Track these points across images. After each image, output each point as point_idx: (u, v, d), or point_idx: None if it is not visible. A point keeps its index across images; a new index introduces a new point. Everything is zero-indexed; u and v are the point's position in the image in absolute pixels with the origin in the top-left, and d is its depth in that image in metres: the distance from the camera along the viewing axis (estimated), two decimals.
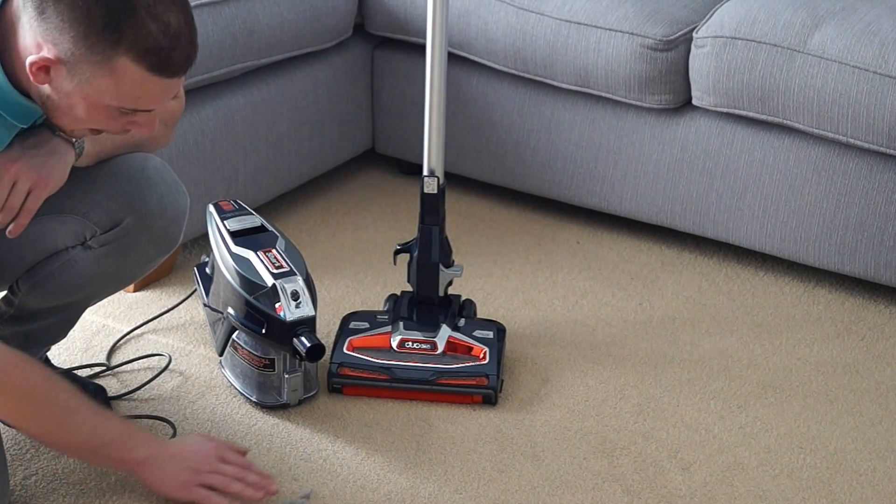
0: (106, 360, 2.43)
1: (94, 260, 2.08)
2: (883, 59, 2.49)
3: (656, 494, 2.13)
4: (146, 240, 2.10)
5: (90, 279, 2.11)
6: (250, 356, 2.28)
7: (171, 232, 2.13)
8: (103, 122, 1.80)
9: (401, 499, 2.11)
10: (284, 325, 2.19)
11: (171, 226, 2.12)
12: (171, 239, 2.14)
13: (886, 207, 2.59)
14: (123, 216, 2.06)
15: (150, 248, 2.12)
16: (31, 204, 1.88)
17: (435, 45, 2.31)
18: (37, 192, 1.88)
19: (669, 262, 2.84)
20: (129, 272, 2.17)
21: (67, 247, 2.07)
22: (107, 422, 1.99)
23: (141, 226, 2.08)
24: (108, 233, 2.06)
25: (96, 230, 2.06)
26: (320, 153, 3.01)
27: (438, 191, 2.38)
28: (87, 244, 2.07)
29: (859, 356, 2.52)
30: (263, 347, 2.26)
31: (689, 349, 2.53)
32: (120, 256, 2.09)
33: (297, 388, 2.30)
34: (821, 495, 2.14)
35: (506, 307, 2.65)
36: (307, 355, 2.18)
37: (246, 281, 2.23)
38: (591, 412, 2.33)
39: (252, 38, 2.70)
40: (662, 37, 2.67)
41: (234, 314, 2.26)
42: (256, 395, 2.31)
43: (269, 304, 2.21)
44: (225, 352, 2.35)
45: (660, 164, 2.79)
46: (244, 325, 2.25)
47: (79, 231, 2.05)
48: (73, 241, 2.06)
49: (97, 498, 2.09)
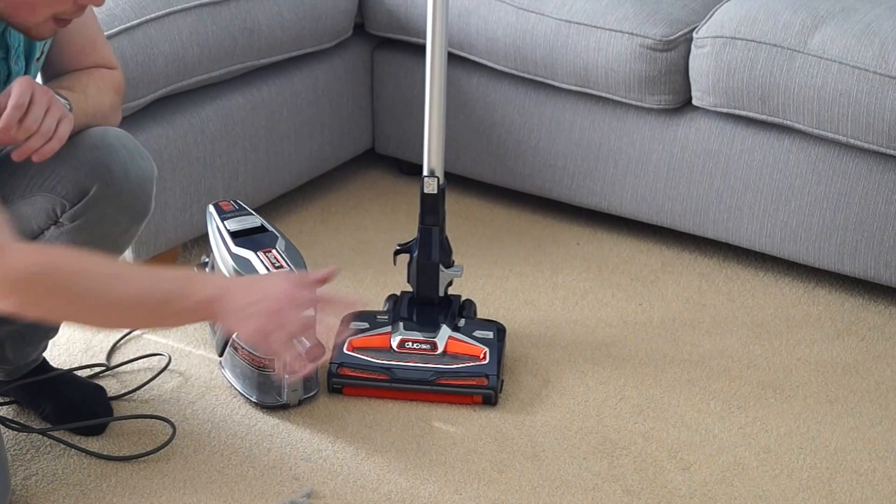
0: (105, 361, 2.43)
1: (69, 238, 2.08)
2: (883, 59, 2.49)
3: (656, 494, 2.13)
4: (116, 208, 2.09)
5: None
6: (250, 356, 2.28)
7: (139, 197, 2.11)
8: (58, 2, 1.87)
9: (401, 499, 2.11)
10: None
11: (138, 190, 2.11)
12: (140, 205, 2.13)
13: (886, 207, 2.59)
14: (90, 185, 2.06)
15: (121, 217, 2.11)
16: (62, 130, 1.91)
17: (435, 45, 2.32)
18: (66, 123, 1.91)
19: (669, 263, 2.84)
20: (105, 247, 2.14)
21: (42, 229, 2.07)
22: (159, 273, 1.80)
23: (108, 193, 2.07)
24: (76, 206, 2.07)
25: (65, 204, 2.06)
26: (320, 153, 3.01)
27: (438, 191, 2.38)
28: (59, 222, 2.07)
29: (859, 356, 2.52)
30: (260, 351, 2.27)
31: (689, 350, 2.53)
32: (93, 230, 2.09)
33: (297, 388, 2.30)
34: (821, 495, 2.14)
35: (506, 307, 2.65)
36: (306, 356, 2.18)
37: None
38: (591, 412, 2.33)
39: (252, 39, 2.70)
40: (662, 37, 2.67)
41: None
42: (256, 396, 2.31)
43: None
44: (225, 352, 2.35)
45: (660, 165, 2.79)
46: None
47: (49, 209, 2.06)
48: (45, 220, 2.07)
49: (97, 498, 2.09)
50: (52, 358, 2.39)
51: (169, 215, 2.63)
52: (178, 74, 2.58)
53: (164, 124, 2.60)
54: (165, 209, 2.62)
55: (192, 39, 2.58)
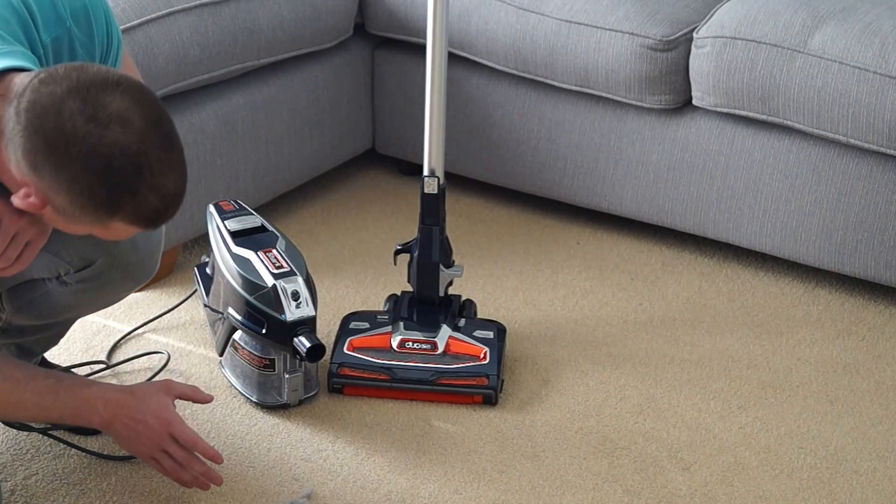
0: (105, 360, 2.43)
1: (72, 293, 2.08)
2: (883, 59, 2.49)
3: (656, 494, 2.13)
4: (121, 276, 2.10)
5: (70, 308, 2.12)
6: (251, 356, 2.28)
7: (145, 266, 2.12)
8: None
9: (401, 499, 2.11)
10: (285, 325, 2.20)
11: (145, 261, 2.11)
12: (146, 271, 2.14)
13: (886, 207, 2.59)
14: (95, 257, 2.05)
15: (126, 282, 2.12)
16: (27, 255, 1.83)
17: (435, 46, 2.32)
18: (34, 245, 1.83)
19: (669, 263, 2.84)
20: (110, 299, 2.18)
21: (44, 278, 2.06)
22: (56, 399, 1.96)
23: (113, 265, 2.07)
24: (81, 271, 2.06)
25: (69, 268, 2.06)
26: (320, 153, 3.01)
27: (439, 191, 2.38)
28: (62, 279, 2.07)
29: (859, 356, 2.52)
30: (264, 347, 2.26)
31: (690, 349, 2.53)
32: (96, 290, 2.09)
33: (297, 388, 2.29)
34: (821, 495, 2.14)
35: (506, 307, 2.65)
36: (307, 355, 2.18)
37: (246, 281, 2.23)
38: (591, 412, 2.33)
39: (252, 39, 2.70)
40: (663, 37, 2.67)
41: (234, 314, 2.26)
42: (257, 396, 2.31)
43: (269, 305, 2.21)
44: (225, 352, 2.36)
45: (660, 165, 2.79)
46: (244, 325, 2.25)
47: (52, 268, 2.05)
48: (47, 273, 2.06)
49: (97, 498, 2.09)
50: (52, 357, 2.39)
51: None
52: (179, 74, 2.58)
53: None
54: None
55: (192, 39, 2.58)
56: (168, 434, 2.00)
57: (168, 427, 2.00)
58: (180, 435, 2.01)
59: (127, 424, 1.99)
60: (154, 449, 2.00)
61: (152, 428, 1.99)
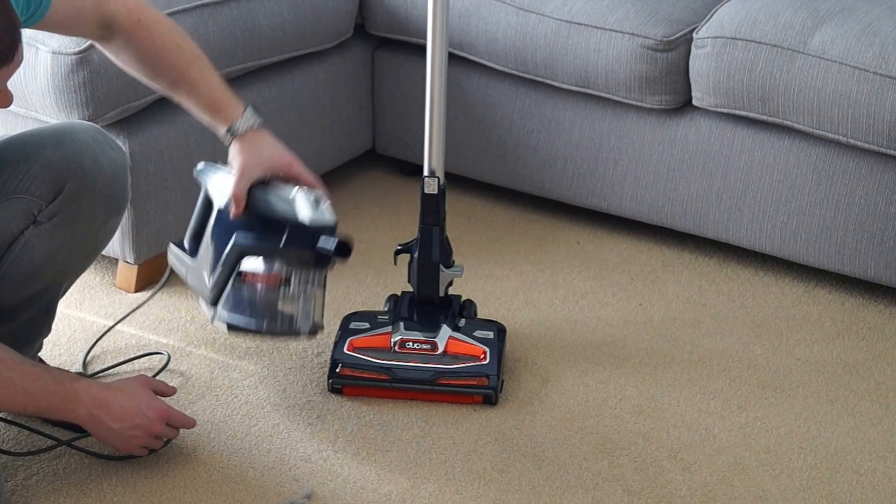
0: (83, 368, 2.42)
1: (48, 235, 2.09)
2: (883, 60, 2.49)
3: (656, 494, 2.13)
4: (91, 202, 2.10)
5: (50, 257, 2.11)
6: (264, 277, 2.16)
7: (114, 188, 2.13)
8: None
9: (401, 499, 2.11)
10: (308, 229, 2.11)
11: (112, 182, 2.12)
12: (116, 197, 2.14)
13: (886, 208, 2.59)
14: (62, 183, 2.07)
15: (98, 211, 2.12)
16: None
17: (435, 46, 2.32)
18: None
19: (669, 263, 2.84)
20: (86, 242, 2.16)
21: (21, 230, 2.08)
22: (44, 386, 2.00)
23: (82, 188, 2.08)
24: (52, 204, 2.07)
25: (41, 203, 2.07)
26: (321, 153, 3.01)
27: (439, 191, 2.38)
28: (36, 221, 2.08)
29: (859, 356, 2.52)
30: (278, 265, 2.15)
31: (690, 349, 2.53)
32: (71, 225, 2.10)
33: (309, 312, 2.19)
34: (821, 495, 2.14)
35: (506, 307, 2.65)
36: (336, 252, 2.11)
37: (262, 197, 2.15)
38: (591, 412, 2.34)
39: (252, 39, 2.71)
40: (663, 37, 2.67)
41: (244, 237, 2.16)
42: (267, 324, 2.19)
43: (290, 211, 2.12)
44: (225, 292, 2.21)
45: (660, 165, 2.79)
46: (259, 243, 2.15)
47: (26, 210, 2.07)
48: (23, 222, 2.08)
49: (97, 498, 2.09)
50: (52, 357, 2.39)
51: (169, 215, 2.63)
52: None
53: (164, 124, 2.60)
54: (166, 209, 2.62)
55: (192, 40, 2.58)
56: (163, 422, 2.11)
57: (164, 416, 2.11)
58: (177, 420, 2.14)
59: (120, 419, 2.06)
60: (149, 439, 2.10)
61: (150, 419, 2.08)
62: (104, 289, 2.67)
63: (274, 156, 2.18)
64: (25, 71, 2.46)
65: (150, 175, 2.56)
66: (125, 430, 2.06)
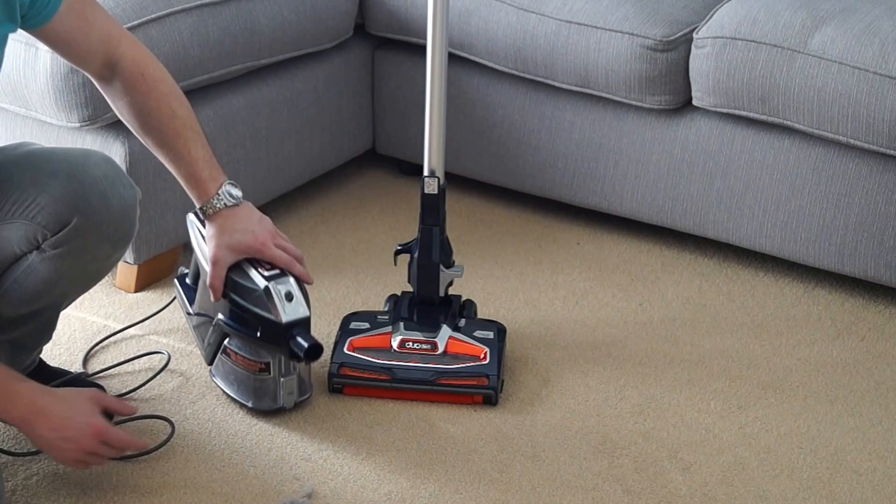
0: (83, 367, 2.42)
1: (52, 263, 2.07)
2: (883, 60, 2.49)
3: (656, 494, 2.14)
4: (97, 238, 2.09)
5: (53, 283, 2.10)
6: (245, 361, 2.26)
7: (121, 226, 2.12)
8: None
9: (401, 499, 2.11)
10: (280, 326, 2.17)
11: (119, 220, 2.11)
12: (123, 233, 2.13)
13: (886, 208, 2.59)
14: (70, 217, 2.05)
15: (103, 246, 2.12)
16: None
17: (435, 46, 2.32)
18: None
19: (670, 263, 2.84)
20: (90, 271, 2.16)
21: (24, 252, 2.06)
22: None
23: (88, 224, 2.07)
24: (57, 235, 2.06)
25: (46, 233, 2.06)
26: (320, 153, 3.01)
27: (439, 191, 2.38)
28: (40, 248, 2.07)
29: (859, 356, 2.52)
30: (258, 351, 2.25)
31: (689, 349, 2.53)
32: (75, 257, 2.09)
33: (292, 390, 2.28)
34: (821, 495, 2.14)
35: (506, 308, 2.65)
36: (306, 355, 2.17)
37: (237, 285, 2.22)
38: (591, 412, 2.34)
39: (252, 39, 2.71)
40: (663, 37, 2.67)
41: (226, 320, 2.25)
42: (252, 401, 2.29)
43: (263, 307, 2.19)
44: (215, 360, 2.33)
45: (660, 165, 2.79)
46: (238, 330, 2.23)
47: (30, 236, 2.05)
48: (26, 245, 2.06)
49: (97, 498, 2.09)
50: (52, 357, 2.39)
51: (169, 215, 2.63)
52: (179, 75, 2.58)
53: None
54: (165, 209, 2.62)
55: (192, 40, 2.58)
56: (99, 441, 2.02)
57: (99, 434, 2.02)
58: (114, 440, 2.04)
59: (53, 429, 1.98)
60: (82, 454, 2.02)
61: (84, 435, 2.00)
62: (104, 289, 2.66)
63: (246, 241, 2.18)
64: (25, 71, 2.46)
65: (149, 175, 2.56)
66: (56, 440, 1.99)
